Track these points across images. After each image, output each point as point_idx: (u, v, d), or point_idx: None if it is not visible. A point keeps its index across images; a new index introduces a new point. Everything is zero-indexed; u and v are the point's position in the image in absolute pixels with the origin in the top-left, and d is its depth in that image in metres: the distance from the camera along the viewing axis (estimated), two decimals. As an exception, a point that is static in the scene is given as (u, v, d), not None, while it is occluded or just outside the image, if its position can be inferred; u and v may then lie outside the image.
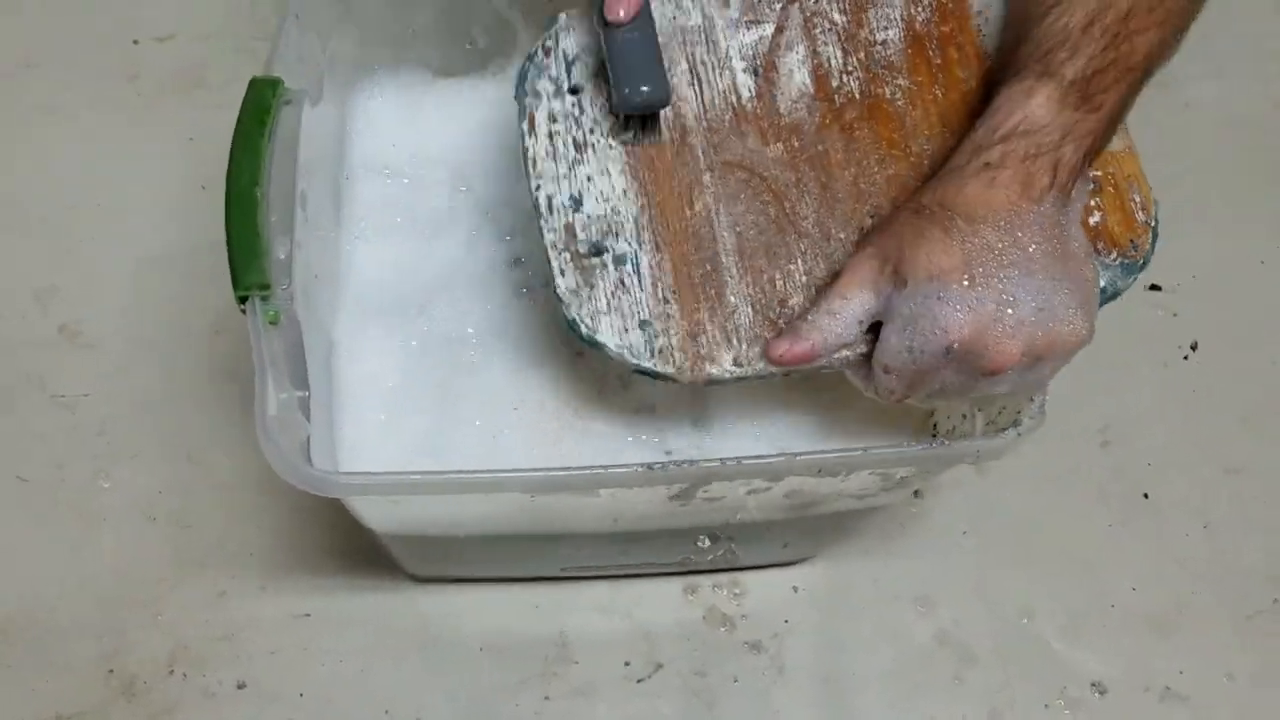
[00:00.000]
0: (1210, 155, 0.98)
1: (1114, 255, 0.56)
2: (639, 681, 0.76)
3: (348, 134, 0.71)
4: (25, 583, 0.77)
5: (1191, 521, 0.83)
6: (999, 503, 0.83)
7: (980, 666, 0.78)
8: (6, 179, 0.92)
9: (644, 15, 0.57)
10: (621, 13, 0.56)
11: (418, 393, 0.65)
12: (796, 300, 0.56)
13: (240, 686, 0.75)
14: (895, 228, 0.53)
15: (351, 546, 0.78)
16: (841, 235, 0.58)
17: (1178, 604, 0.80)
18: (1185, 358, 0.90)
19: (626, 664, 0.77)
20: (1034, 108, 0.52)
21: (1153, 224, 0.57)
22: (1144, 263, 0.57)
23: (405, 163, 0.72)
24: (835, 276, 0.54)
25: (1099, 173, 0.57)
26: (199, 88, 0.97)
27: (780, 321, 0.56)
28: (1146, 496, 0.84)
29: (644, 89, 0.56)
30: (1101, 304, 0.55)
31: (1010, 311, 0.50)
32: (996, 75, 0.56)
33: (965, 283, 0.50)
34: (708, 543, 0.68)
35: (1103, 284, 0.56)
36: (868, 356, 0.54)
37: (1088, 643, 0.79)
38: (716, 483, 0.55)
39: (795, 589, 0.80)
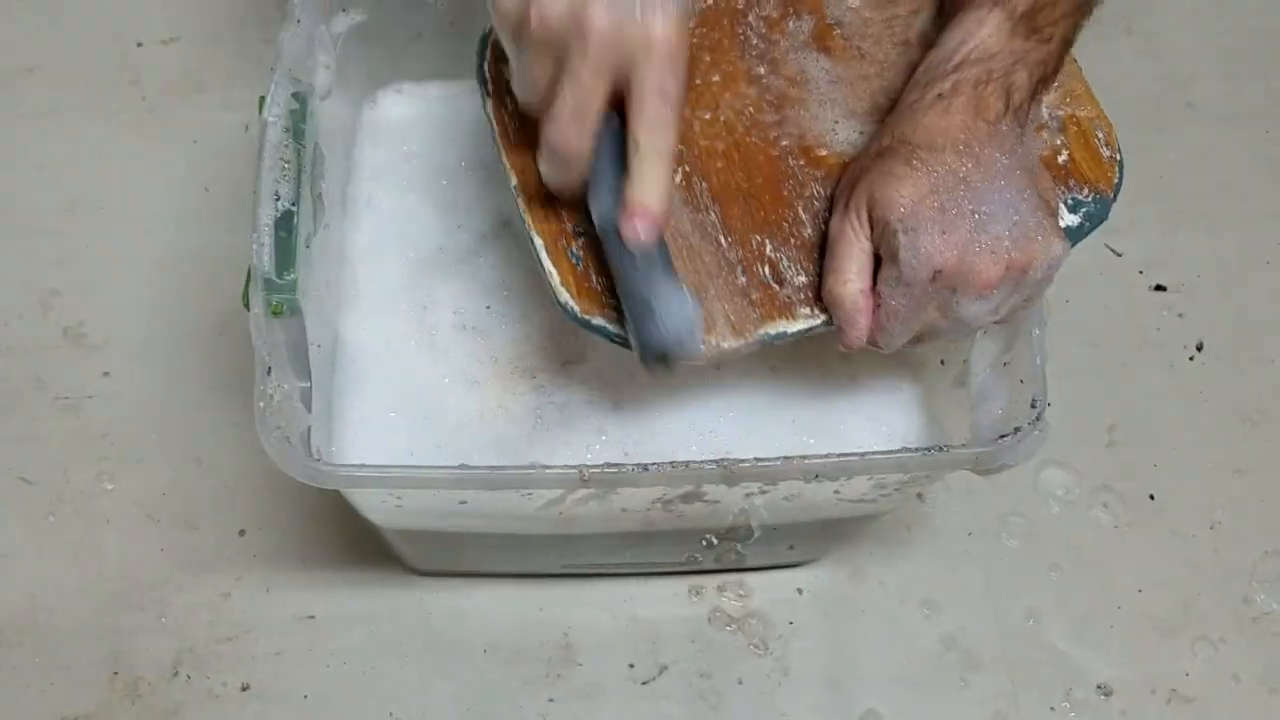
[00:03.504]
0: (1215, 155, 0.98)
1: (1086, 191, 0.57)
2: (644, 683, 0.76)
3: (356, 128, 0.71)
4: (29, 585, 0.77)
5: (1198, 522, 0.83)
6: (1004, 505, 0.83)
7: (986, 669, 0.77)
8: (9, 182, 0.92)
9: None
10: (642, 234, 0.51)
11: (426, 387, 0.65)
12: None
13: (244, 688, 0.75)
14: (861, 176, 0.54)
15: (357, 548, 0.78)
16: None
17: (1184, 605, 0.80)
18: (1191, 358, 0.89)
19: (631, 666, 0.77)
20: (984, 37, 0.53)
21: (1118, 158, 0.58)
22: (1115, 196, 0.58)
23: (414, 158, 0.72)
24: (825, 247, 0.55)
25: (1062, 113, 0.58)
26: (202, 90, 0.97)
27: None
28: (1153, 498, 0.84)
29: (671, 340, 0.51)
30: (1079, 240, 0.56)
31: (986, 230, 0.51)
32: (946, 14, 0.57)
33: (935, 208, 0.50)
34: (715, 541, 0.68)
35: (1079, 220, 0.56)
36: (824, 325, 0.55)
37: (1094, 644, 0.79)
38: (711, 486, 0.55)
39: (800, 591, 0.79)
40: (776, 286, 0.55)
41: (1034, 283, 0.52)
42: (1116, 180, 0.58)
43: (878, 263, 0.53)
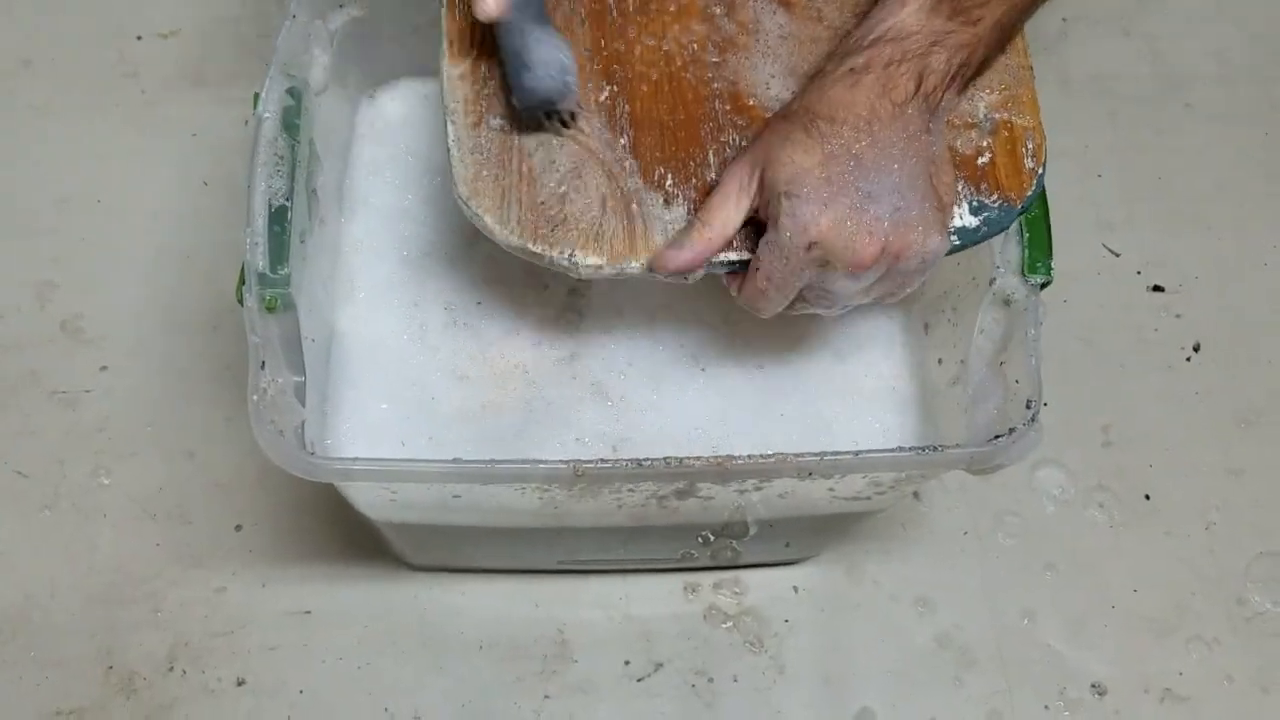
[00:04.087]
0: (1211, 156, 0.98)
1: (995, 198, 0.56)
2: (639, 680, 0.76)
3: (353, 125, 0.71)
4: (25, 579, 0.77)
5: (1193, 523, 0.83)
6: (1000, 504, 0.83)
7: (980, 667, 0.78)
8: (6, 176, 0.92)
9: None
10: (492, 6, 0.53)
11: (420, 381, 0.65)
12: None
13: (240, 683, 0.75)
14: (765, 134, 0.54)
15: (352, 543, 0.78)
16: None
17: (1178, 605, 0.80)
18: (1187, 359, 0.89)
19: (626, 663, 0.77)
20: (904, 16, 0.53)
21: (1040, 172, 0.58)
22: (1022, 209, 0.57)
23: (410, 154, 0.72)
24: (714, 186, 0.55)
25: (998, 117, 0.58)
26: (201, 84, 0.97)
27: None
28: (1148, 498, 0.84)
29: (543, 88, 0.54)
30: (972, 243, 0.56)
31: (867, 209, 0.51)
32: None
33: (822, 178, 0.51)
34: (711, 538, 0.68)
35: (977, 224, 0.56)
36: (745, 263, 0.55)
37: (1088, 644, 0.79)
38: (705, 483, 0.55)
39: (796, 588, 0.80)
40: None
41: (905, 272, 0.53)
42: (1030, 193, 0.57)
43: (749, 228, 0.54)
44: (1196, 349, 0.90)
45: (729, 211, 0.54)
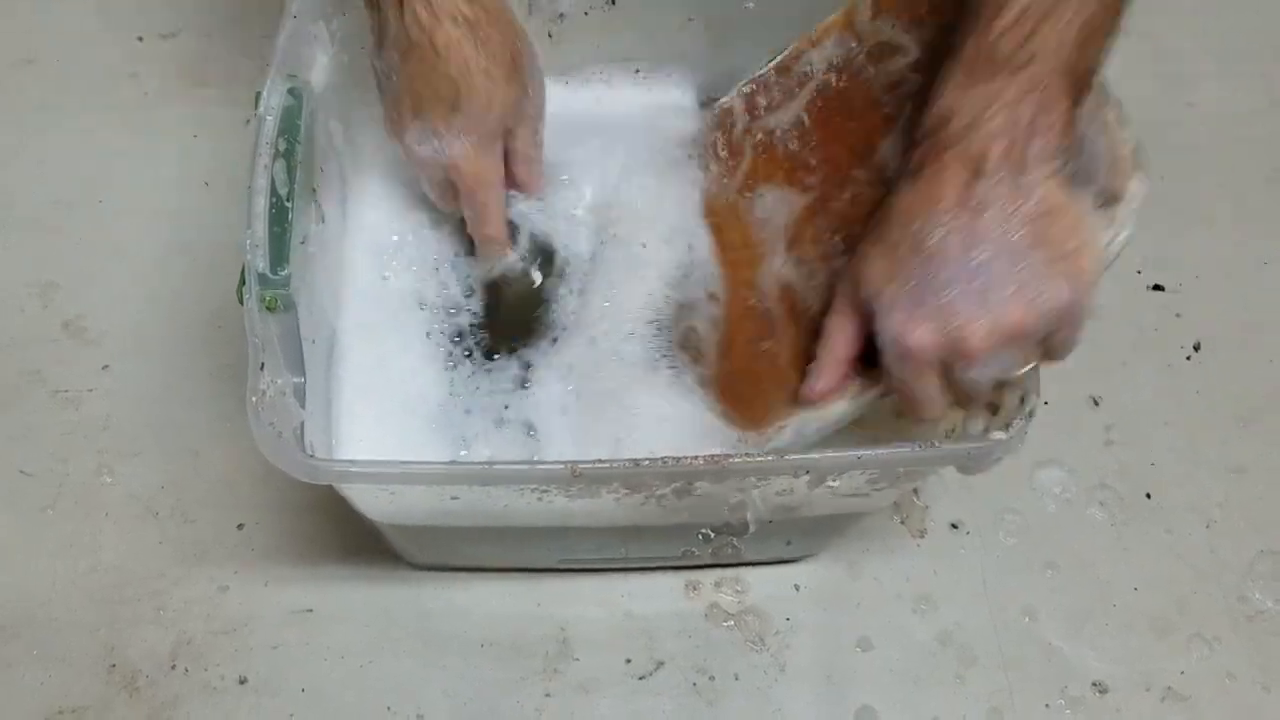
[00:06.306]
0: (1213, 155, 0.98)
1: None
2: (640, 679, 0.76)
3: (354, 125, 0.72)
4: (27, 577, 0.77)
5: (1194, 521, 0.83)
6: (1001, 503, 0.83)
7: (981, 665, 0.78)
8: (9, 175, 0.92)
9: None
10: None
11: (422, 384, 0.65)
12: None
13: (242, 681, 0.75)
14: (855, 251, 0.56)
15: (354, 542, 0.79)
16: None
17: (1180, 604, 0.80)
18: (1188, 358, 0.89)
19: (628, 661, 0.77)
20: (942, 101, 0.52)
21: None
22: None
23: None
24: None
25: None
26: (202, 85, 0.97)
27: None
28: (1149, 496, 0.84)
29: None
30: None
31: (967, 300, 0.50)
32: None
33: (902, 289, 0.52)
34: (711, 535, 0.68)
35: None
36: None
37: (1089, 642, 0.79)
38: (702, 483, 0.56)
39: (797, 586, 0.80)
40: None
41: (1040, 338, 0.52)
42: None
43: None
44: (1197, 348, 0.90)
45: (842, 334, 0.56)
